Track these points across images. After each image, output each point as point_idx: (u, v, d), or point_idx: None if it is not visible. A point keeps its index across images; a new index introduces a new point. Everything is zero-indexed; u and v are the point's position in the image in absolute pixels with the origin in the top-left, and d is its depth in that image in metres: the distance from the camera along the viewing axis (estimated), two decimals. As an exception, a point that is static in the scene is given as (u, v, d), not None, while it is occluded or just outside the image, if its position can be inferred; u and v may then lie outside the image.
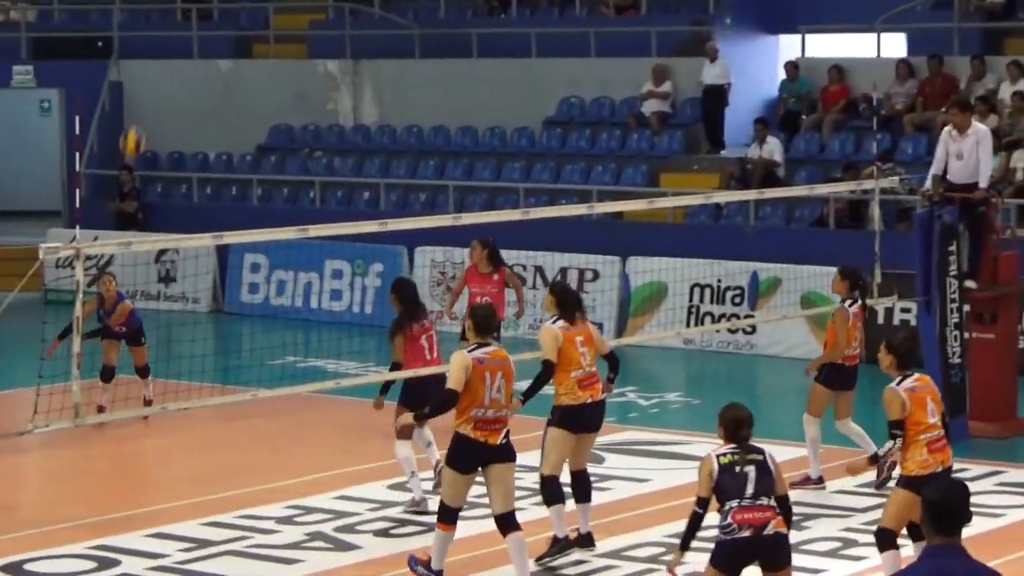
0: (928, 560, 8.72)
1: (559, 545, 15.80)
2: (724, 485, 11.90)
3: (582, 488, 16.28)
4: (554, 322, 15.95)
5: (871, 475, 17.53)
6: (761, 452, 12.10)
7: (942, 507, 8.79)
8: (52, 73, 35.67)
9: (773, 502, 11.99)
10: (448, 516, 14.57)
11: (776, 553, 11.99)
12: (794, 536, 15.88)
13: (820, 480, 18.56)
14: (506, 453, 14.55)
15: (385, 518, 17.23)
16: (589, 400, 15.79)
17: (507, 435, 14.57)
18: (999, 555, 16.21)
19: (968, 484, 17.55)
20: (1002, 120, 27.23)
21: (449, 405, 14.40)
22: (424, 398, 16.06)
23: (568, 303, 16.25)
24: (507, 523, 14.55)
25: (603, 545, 16.26)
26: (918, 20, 30.71)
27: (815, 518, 17.37)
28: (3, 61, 35.79)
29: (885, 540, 13.99)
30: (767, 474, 11.95)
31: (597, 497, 17.42)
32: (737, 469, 11.92)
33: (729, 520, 11.79)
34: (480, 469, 14.59)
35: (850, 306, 18.55)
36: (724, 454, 12.01)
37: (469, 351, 14.48)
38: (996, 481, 18.85)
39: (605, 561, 15.93)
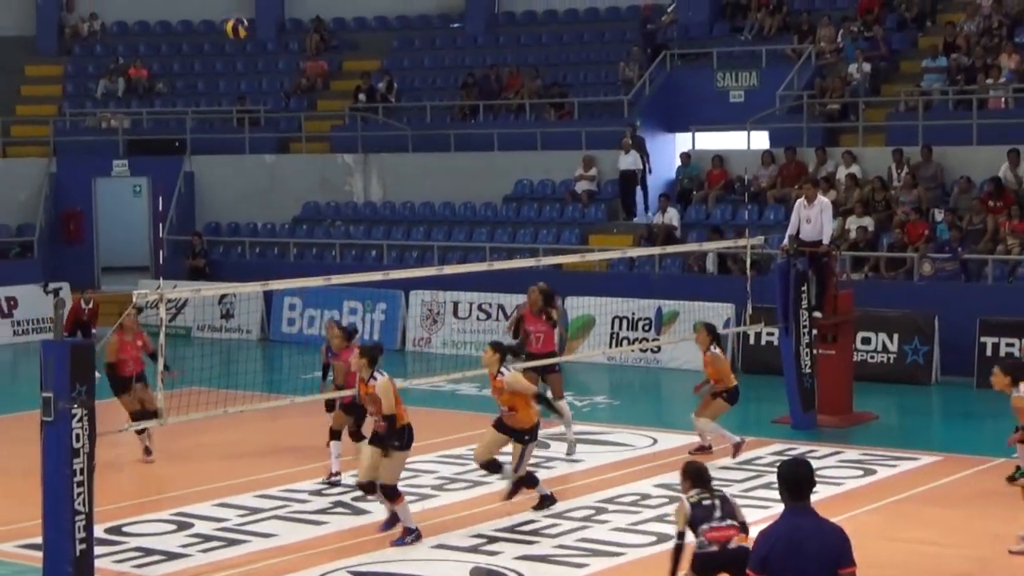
0: (787, 518, 8.77)
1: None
2: (697, 516, 11.81)
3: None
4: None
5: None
6: (721, 492, 12.02)
7: (793, 480, 8.83)
8: (142, 165, 35.73)
9: (736, 523, 11.76)
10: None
11: (740, 562, 11.82)
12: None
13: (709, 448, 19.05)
14: None
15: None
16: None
17: None
18: (840, 513, 16.20)
19: (815, 461, 17.63)
20: (839, 194, 27.34)
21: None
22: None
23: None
24: None
25: (550, 509, 16.24)
26: (777, 122, 30.80)
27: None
28: (105, 156, 35.72)
29: None
30: (728, 503, 11.87)
31: (544, 473, 17.45)
32: (705, 503, 11.83)
33: (703, 538, 11.74)
34: None
35: (715, 350, 19.10)
36: (692, 495, 11.92)
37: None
38: (838, 459, 18.90)
39: (550, 520, 15.91)
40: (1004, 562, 14.59)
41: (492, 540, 15.14)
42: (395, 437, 14.74)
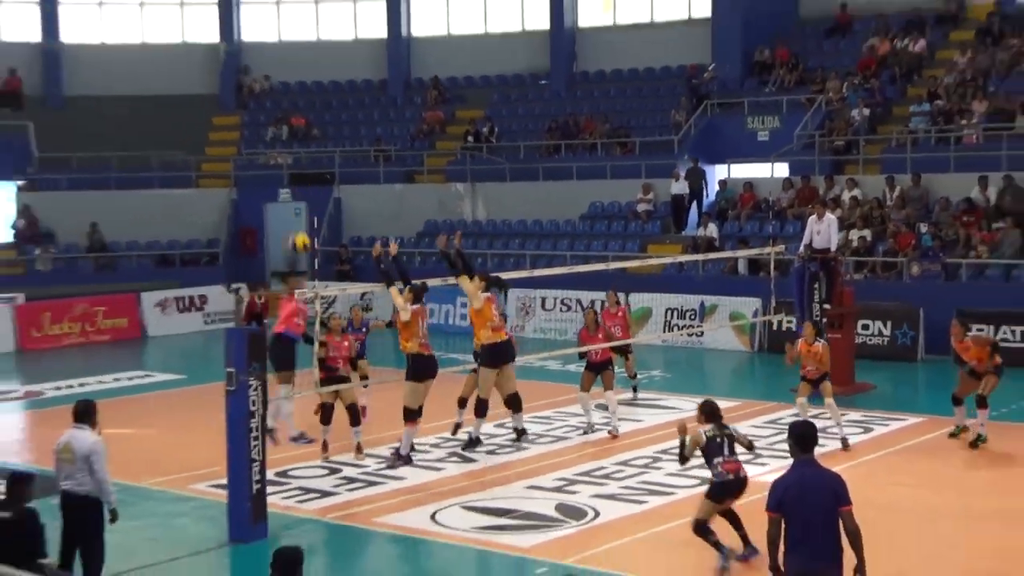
0: (796, 467, 8.84)
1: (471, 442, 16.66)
2: (712, 449, 11.89)
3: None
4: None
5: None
6: (729, 429, 12.09)
7: (801, 436, 8.88)
8: (301, 193, 35.99)
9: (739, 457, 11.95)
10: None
11: (745, 487, 11.94)
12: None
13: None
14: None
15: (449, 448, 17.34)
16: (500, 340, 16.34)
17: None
18: (845, 462, 16.24)
19: (825, 422, 17.54)
20: (843, 212, 27.18)
21: None
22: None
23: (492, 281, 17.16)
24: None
25: (610, 459, 16.31)
26: (795, 155, 30.61)
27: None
28: (273, 187, 36.17)
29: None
30: (733, 439, 11.97)
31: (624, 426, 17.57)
32: (718, 440, 11.92)
33: (720, 469, 11.79)
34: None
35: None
36: (708, 429, 11.98)
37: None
38: (844, 420, 18.75)
39: (617, 467, 16.00)
40: (966, 500, 14.56)
41: (572, 482, 15.28)
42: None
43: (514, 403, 16.65)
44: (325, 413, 16.72)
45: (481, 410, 16.53)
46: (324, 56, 40.97)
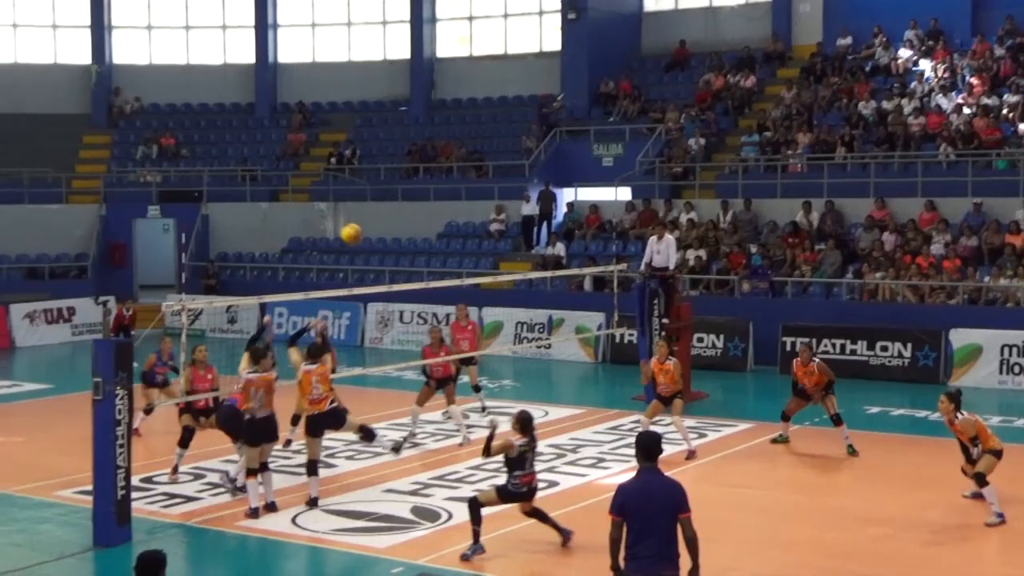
0: (640, 474, 8.74)
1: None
2: (516, 462, 12.04)
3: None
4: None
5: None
6: (535, 443, 12.24)
7: (645, 446, 8.82)
8: (169, 210, 35.40)
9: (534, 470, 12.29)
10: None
11: (533, 496, 12.40)
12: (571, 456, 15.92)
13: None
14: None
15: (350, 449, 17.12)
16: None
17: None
18: (682, 465, 16.38)
19: (662, 428, 17.66)
20: (681, 233, 27.57)
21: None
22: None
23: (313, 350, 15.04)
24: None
25: (463, 463, 16.20)
26: (637, 180, 31.00)
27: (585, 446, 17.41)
28: (142, 203, 35.47)
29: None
30: (534, 455, 12.23)
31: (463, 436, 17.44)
32: (526, 454, 12.12)
33: (518, 481, 12.08)
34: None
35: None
36: (521, 443, 12.07)
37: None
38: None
39: (470, 471, 15.90)
40: (793, 499, 14.80)
41: (427, 486, 15.15)
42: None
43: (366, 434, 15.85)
44: (185, 436, 15.89)
45: (312, 470, 14.66)
46: (194, 79, 40.38)
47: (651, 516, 8.43)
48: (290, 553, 12.80)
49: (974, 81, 29.06)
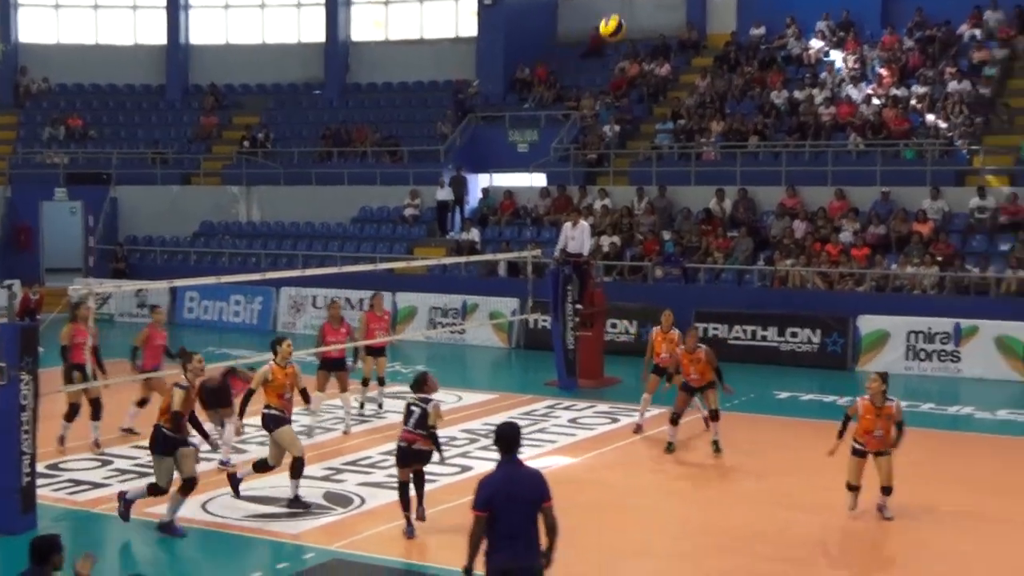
0: (502, 467, 8.59)
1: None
2: (405, 415, 12.23)
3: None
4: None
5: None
6: (427, 403, 12.21)
7: (505, 439, 8.67)
8: (77, 192, 34.76)
9: (424, 432, 12.15)
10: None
11: (418, 456, 12.32)
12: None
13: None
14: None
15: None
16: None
17: None
18: (594, 450, 16.48)
19: (576, 413, 17.67)
20: (595, 219, 27.69)
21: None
22: None
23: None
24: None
25: (376, 448, 16.12)
26: (552, 167, 31.04)
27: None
28: (49, 185, 34.79)
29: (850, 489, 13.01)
30: (425, 416, 12.16)
31: (372, 424, 17.34)
32: (411, 408, 12.18)
33: (400, 435, 12.28)
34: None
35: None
36: (412, 399, 12.29)
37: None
38: (593, 411, 19.16)
39: (383, 456, 15.83)
40: (703, 477, 14.95)
41: (339, 471, 15.08)
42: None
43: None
44: (71, 411, 16.05)
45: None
46: (103, 60, 39.64)
47: (517, 507, 8.35)
48: (201, 539, 12.64)
49: (883, 72, 29.51)
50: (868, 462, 13.01)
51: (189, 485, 12.63)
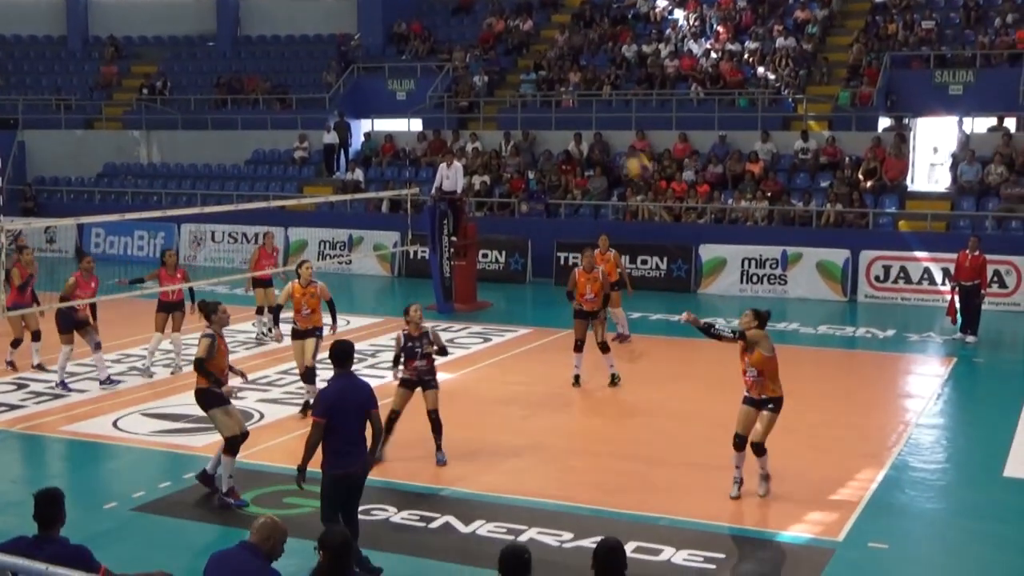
0: (338, 380, 8.65)
1: None
2: (405, 351, 11.59)
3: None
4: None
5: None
6: (428, 335, 11.64)
7: (342, 353, 8.70)
8: (-15, 137, 33.49)
9: (430, 355, 11.61)
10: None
11: (426, 383, 11.72)
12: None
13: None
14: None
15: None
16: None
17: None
18: (469, 367, 16.52)
19: (452, 334, 17.72)
20: (468, 160, 27.60)
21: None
22: None
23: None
24: None
25: (273, 368, 15.93)
26: (428, 113, 30.78)
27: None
28: (-44, 130, 33.48)
29: (737, 442, 10.61)
30: (428, 341, 11.59)
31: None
32: (412, 344, 11.58)
33: (403, 367, 11.66)
34: None
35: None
36: (407, 334, 11.58)
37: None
38: (467, 332, 19.18)
39: (279, 375, 15.64)
40: (561, 394, 15.13)
41: (241, 389, 14.84)
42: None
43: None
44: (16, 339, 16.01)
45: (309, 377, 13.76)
46: (7, 12, 38.04)
47: (350, 414, 8.48)
48: (112, 453, 12.42)
49: (720, 29, 29.82)
50: None
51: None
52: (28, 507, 6.49)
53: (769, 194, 24.63)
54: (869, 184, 24.43)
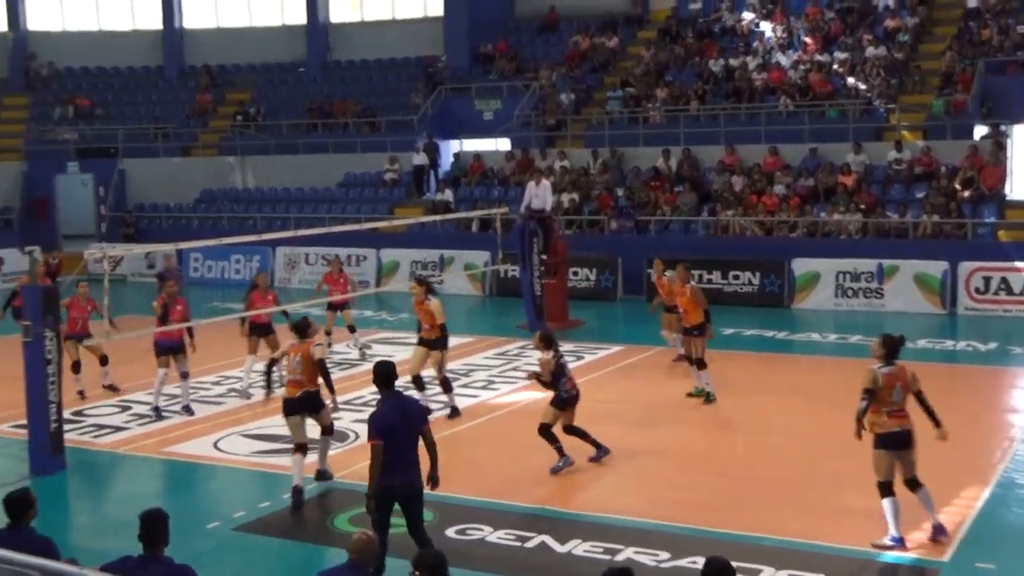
0: (389, 400, 8.61)
1: None
2: (559, 371, 11.95)
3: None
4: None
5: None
6: (561, 353, 12.23)
7: (386, 374, 8.66)
8: (88, 166, 34.41)
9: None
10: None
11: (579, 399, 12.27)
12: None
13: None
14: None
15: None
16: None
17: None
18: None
19: (536, 353, 17.47)
20: (556, 179, 27.59)
21: None
22: None
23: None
24: None
25: (368, 389, 16.05)
26: (515, 132, 30.87)
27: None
28: (62, 160, 34.43)
29: (884, 489, 9.65)
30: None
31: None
32: (562, 361, 12.11)
33: (567, 387, 12.05)
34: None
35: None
36: (552, 357, 11.98)
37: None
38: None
39: (373, 395, 15.74)
40: (657, 411, 14.99)
41: (337, 410, 14.97)
42: (444, 341, 14.54)
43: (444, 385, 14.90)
44: (76, 365, 16.27)
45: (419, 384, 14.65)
46: (105, 44, 39.11)
47: (404, 433, 8.42)
48: (214, 475, 12.62)
49: (808, 40, 29.45)
50: None
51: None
52: (133, 528, 6.61)
53: (863, 206, 24.20)
54: (966, 194, 23.88)
